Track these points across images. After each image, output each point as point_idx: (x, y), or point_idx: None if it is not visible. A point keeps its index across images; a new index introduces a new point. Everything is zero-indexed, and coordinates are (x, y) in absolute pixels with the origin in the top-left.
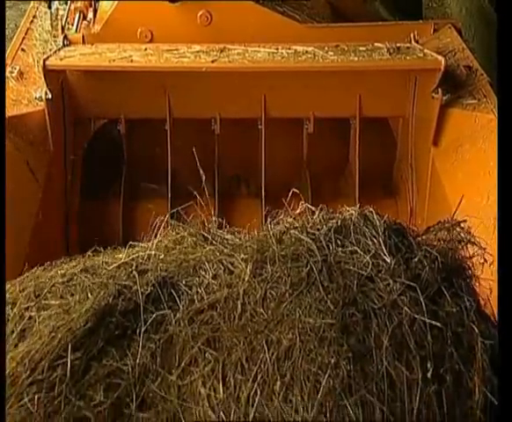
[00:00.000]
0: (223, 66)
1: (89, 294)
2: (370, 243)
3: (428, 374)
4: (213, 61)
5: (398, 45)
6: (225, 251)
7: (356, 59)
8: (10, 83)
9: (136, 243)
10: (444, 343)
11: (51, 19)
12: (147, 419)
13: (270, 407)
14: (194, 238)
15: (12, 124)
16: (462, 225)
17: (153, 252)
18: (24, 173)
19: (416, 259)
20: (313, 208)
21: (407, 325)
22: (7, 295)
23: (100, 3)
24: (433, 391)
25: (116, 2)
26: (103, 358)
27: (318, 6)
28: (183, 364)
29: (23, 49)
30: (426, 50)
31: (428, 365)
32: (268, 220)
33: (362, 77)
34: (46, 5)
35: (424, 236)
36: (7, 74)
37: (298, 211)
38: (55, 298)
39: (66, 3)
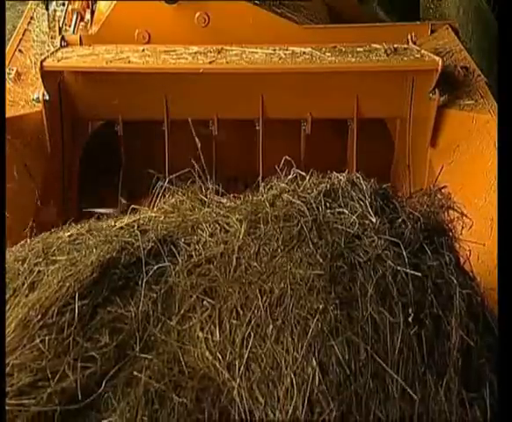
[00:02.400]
0: (220, 67)
1: (94, 250)
2: (357, 205)
3: (410, 319)
4: (210, 63)
5: (395, 46)
6: (221, 212)
7: (354, 60)
8: (8, 85)
9: (138, 207)
10: (425, 292)
11: (48, 21)
12: (149, 360)
13: (263, 348)
14: (192, 202)
15: (10, 125)
16: (443, 191)
17: (154, 215)
18: (21, 174)
19: (400, 220)
20: (304, 175)
21: (391, 276)
22: (17, 254)
23: (98, 4)
24: (413, 333)
25: (114, 3)
26: (108, 305)
27: (315, 8)
28: (182, 311)
29: (20, 50)
30: (423, 51)
31: (410, 310)
32: (262, 185)
33: (359, 78)
34: (43, 6)
35: (408, 202)
36: None
37: (290, 177)
38: (63, 254)
39: (63, 5)
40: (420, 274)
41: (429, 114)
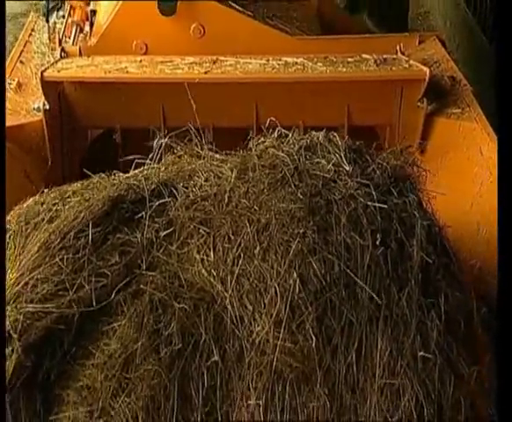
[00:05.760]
0: (215, 77)
1: (104, 190)
2: (333, 156)
3: (377, 242)
4: (206, 73)
5: (384, 56)
6: (215, 163)
7: (344, 70)
8: (9, 95)
9: (141, 161)
10: (391, 222)
11: (49, 32)
12: (153, 276)
13: (251, 265)
14: (189, 156)
15: (11, 134)
16: (409, 150)
17: (156, 166)
18: (22, 182)
19: (370, 168)
20: (287, 132)
21: (362, 210)
22: (36, 199)
23: (96, 16)
24: (380, 253)
25: (112, 16)
26: (117, 233)
27: (307, 20)
28: (181, 238)
29: (21, 61)
30: (411, 61)
31: (377, 236)
32: (251, 141)
33: (350, 87)
34: (44, 19)
35: (378, 157)
36: (6, 85)
37: (275, 134)
38: (77, 196)
39: (63, 17)
40: (386, 207)
41: (417, 122)
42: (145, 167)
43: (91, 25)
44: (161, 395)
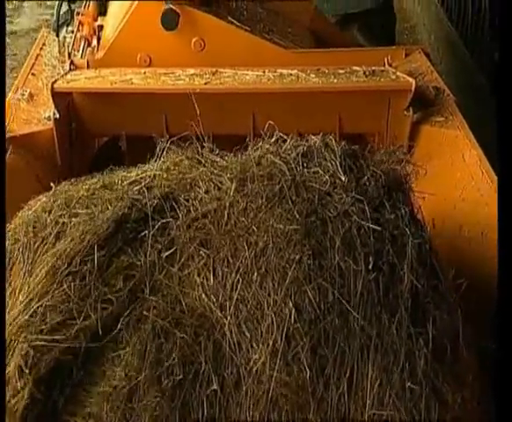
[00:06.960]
0: (214, 87)
1: (109, 206)
2: (329, 164)
3: (370, 266)
4: (206, 83)
5: (373, 68)
6: (215, 171)
7: (336, 81)
8: (22, 105)
9: (143, 166)
10: (383, 242)
11: (59, 46)
12: (155, 301)
13: (249, 292)
14: (190, 161)
15: (23, 141)
16: (401, 150)
17: (158, 172)
18: (34, 186)
19: (365, 178)
20: (285, 137)
21: (355, 230)
22: (43, 205)
23: (103, 31)
24: (372, 278)
25: (118, 31)
26: (121, 255)
27: (301, 34)
28: (182, 260)
29: (33, 74)
30: (398, 73)
31: (370, 259)
32: (250, 145)
33: (341, 97)
34: (54, 34)
35: (372, 159)
36: (19, 96)
37: (273, 139)
38: (82, 208)
39: (72, 32)
40: (379, 228)
41: (404, 130)
42: (147, 172)
43: (99, 39)
44: None
